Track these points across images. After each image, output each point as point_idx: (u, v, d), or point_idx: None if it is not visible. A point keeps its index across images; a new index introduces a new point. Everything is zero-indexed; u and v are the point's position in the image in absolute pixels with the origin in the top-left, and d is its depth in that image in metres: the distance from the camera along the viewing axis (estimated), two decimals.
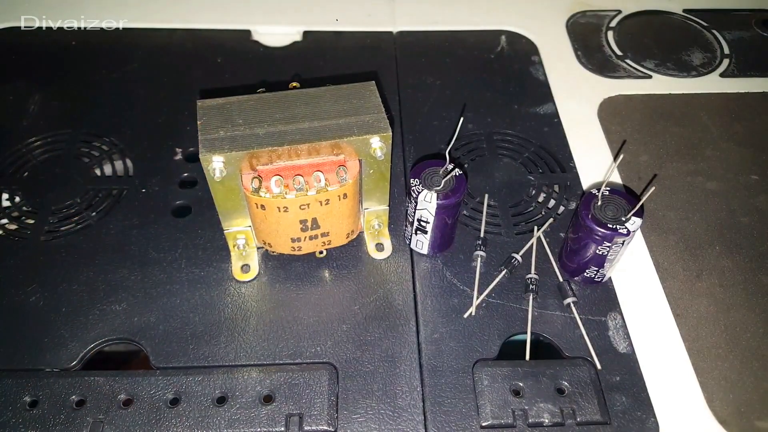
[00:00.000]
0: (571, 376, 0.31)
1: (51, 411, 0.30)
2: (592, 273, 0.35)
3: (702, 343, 0.34)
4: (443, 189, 0.32)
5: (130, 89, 0.47)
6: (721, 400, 0.31)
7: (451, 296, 0.35)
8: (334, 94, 0.32)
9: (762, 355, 0.33)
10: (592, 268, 0.34)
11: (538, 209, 0.40)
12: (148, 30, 0.52)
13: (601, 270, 0.34)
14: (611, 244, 0.32)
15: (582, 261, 0.34)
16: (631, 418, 0.30)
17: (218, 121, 0.30)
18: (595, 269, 0.34)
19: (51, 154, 0.42)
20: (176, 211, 0.39)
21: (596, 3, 0.57)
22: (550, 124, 0.45)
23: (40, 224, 0.38)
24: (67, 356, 0.32)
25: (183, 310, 0.34)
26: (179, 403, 0.30)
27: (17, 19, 0.51)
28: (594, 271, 0.34)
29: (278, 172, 0.30)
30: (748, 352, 0.33)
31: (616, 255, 0.33)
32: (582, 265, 0.35)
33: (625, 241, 0.32)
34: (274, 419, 0.30)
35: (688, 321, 0.34)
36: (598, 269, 0.34)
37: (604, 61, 0.51)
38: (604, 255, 0.33)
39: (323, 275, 0.36)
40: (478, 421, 0.30)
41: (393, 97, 0.47)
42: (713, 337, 0.34)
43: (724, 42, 0.54)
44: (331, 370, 0.32)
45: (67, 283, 0.35)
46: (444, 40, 0.52)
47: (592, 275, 0.35)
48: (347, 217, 0.33)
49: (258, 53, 0.50)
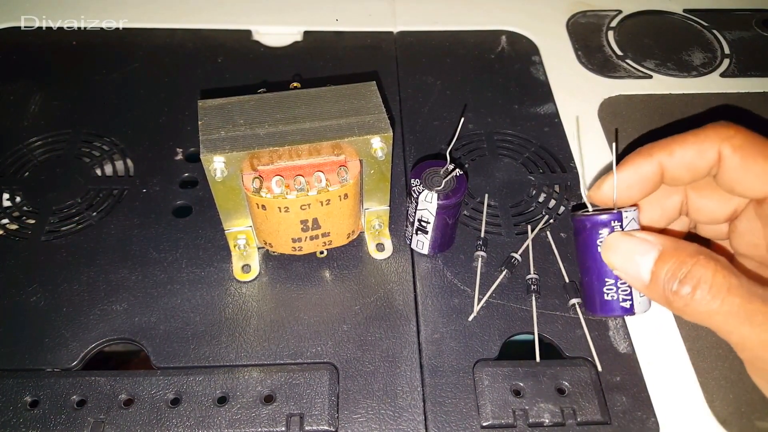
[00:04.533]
0: (572, 376, 0.31)
1: (52, 411, 0.30)
2: (611, 293, 0.29)
3: (702, 343, 0.34)
4: (444, 189, 0.32)
5: (131, 89, 0.47)
6: (722, 400, 0.31)
7: (452, 296, 0.35)
8: (334, 94, 0.32)
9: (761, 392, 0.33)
10: (608, 284, 0.29)
11: (538, 209, 0.40)
12: (148, 30, 0.52)
13: (618, 284, 0.28)
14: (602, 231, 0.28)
15: (592, 279, 0.29)
16: (632, 418, 0.30)
17: (219, 122, 0.30)
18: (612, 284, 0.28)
19: (52, 154, 0.42)
20: (177, 211, 0.39)
21: (596, 3, 0.57)
22: (550, 124, 0.45)
23: (41, 224, 0.38)
24: (67, 356, 0.32)
25: (184, 310, 0.34)
26: (180, 403, 0.30)
27: (17, 19, 0.51)
28: (612, 288, 0.28)
29: (279, 173, 0.30)
30: None
31: None
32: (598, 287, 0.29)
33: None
34: (275, 419, 0.30)
35: (688, 321, 0.34)
36: (615, 282, 0.28)
37: (604, 61, 0.51)
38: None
39: (324, 275, 0.36)
40: (478, 421, 0.30)
41: (393, 97, 0.47)
42: (713, 337, 0.34)
43: (725, 42, 0.54)
44: (332, 370, 0.32)
45: (67, 283, 0.35)
46: (444, 40, 0.52)
47: (613, 296, 0.29)
48: (348, 217, 0.33)
49: (258, 53, 0.50)
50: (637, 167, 0.28)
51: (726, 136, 0.27)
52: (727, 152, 0.27)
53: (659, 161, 0.28)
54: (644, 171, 0.28)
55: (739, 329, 0.24)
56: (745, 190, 0.27)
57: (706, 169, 0.28)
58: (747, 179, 0.27)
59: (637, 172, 0.28)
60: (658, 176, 0.29)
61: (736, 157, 0.27)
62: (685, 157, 0.28)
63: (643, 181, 0.29)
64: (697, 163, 0.28)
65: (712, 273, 0.24)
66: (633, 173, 0.29)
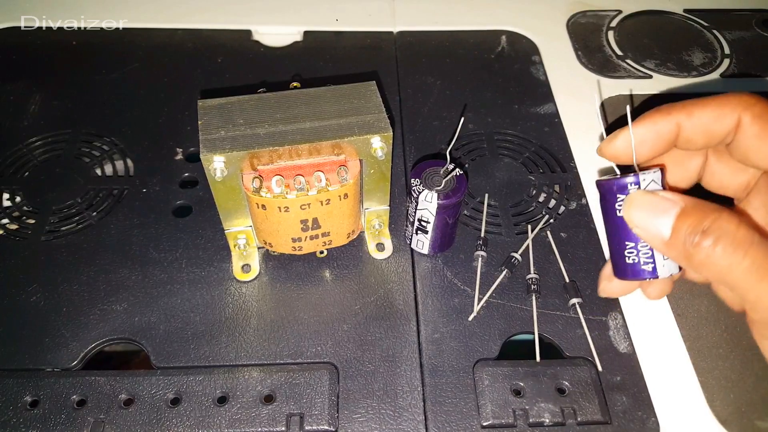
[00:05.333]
0: (572, 376, 0.31)
1: (52, 411, 0.30)
2: (632, 256, 0.29)
3: (702, 343, 0.34)
4: (444, 189, 0.32)
5: (131, 89, 0.47)
6: (722, 400, 0.31)
7: (452, 296, 0.35)
8: (334, 93, 0.32)
9: (763, 355, 0.33)
10: (629, 247, 0.28)
11: (538, 209, 0.40)
12: (148, 30, 0.52)
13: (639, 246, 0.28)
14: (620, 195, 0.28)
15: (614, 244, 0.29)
16: (632, 418, 0.30)
17: (219, 121, 0.30)
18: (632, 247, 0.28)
19: (51, 153, 0.42)
20: (177, 211, 0.39)
21: (596, 3, 0.57)
22: (550, 124, 0.45)
23: (41, 224, 0.38)
24: (67, 356, 0.32)
25: (184, 310, 0.34)
26: (180, 403, 0.30)
27: (17, 19, 0.51)
28: (632, 251, 0.28)
29: (279, 172, 0.30)
30: (748, 352, 0.33)
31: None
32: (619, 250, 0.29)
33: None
34: (275, 419, 0.30)
35: (688, 321, 0.35)
36: (635, 245, 0.28)
37: (604, 61, 0.51)
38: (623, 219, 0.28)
39: (324, 275, 0.36)
40: (478, 421, 0.30)
41: (393, 97, 0.47)
42: (713, 337, 0.34)
43: (725, 42, 0.54)
44: (332, 369, 0.32)
45: (67, 282, 0.35)
46: (444, 40, 0.52)
47: (634, 259, 0.28)
48: (348, 217, 0.33)
49: (258, 53, 0.50)
50: (654, 123, 0.28)
51: (748, 104, 0.27)
52: (747, 120, 0.26)
53: (677, 121, 0.28)
54: (660, 128, 0.28)
55: (757, 286, 0.23)
56: (759, 159, 0.27)
57: (723, 135, 0.27)
58: (763, 149, 0.26)
59: (653, 129, 0.28)
60: (673, 135, 0.28)
61: (756, 126, 0.26)
62: (703, 120, 0.27)
63: (657, 139, 0.28)
64: (715, 128, 0.27)
65: (735, 226, 0.23)
66: (648, 129, 0.28)
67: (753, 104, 0.27)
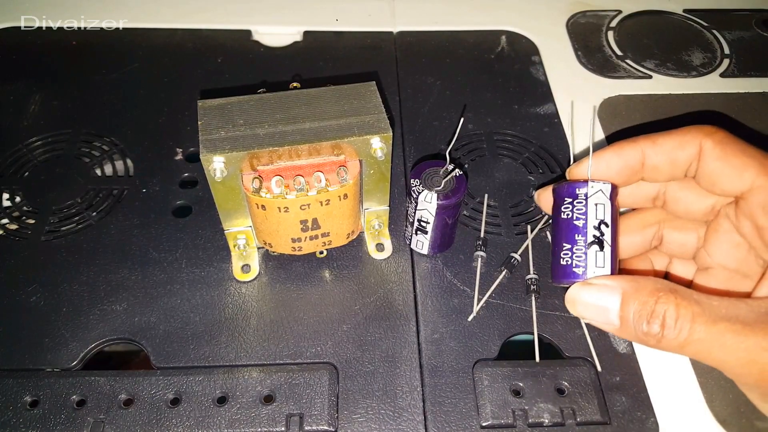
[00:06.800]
0: (572, 376, 0.31)
1: (51, 411, 0.30)
2: (566, 257, 0.28)
3: None
4: (443, 189, 0.32)
5: (130, 89, 0.47)
6: (722, 400, 0.31)
7: (452, 296, 0.35)
8: (334, 94, 0.32)
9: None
10: (565, 248, 0.28)
11: (538, 209, 0.40)
12: (148, 30, 0.52)
13: (575, 248, 0.28)
14: (572, 201, 0.28)
15: (553, 245, 0.29)
16: (631, 418, 0.30)
17: (219, 122, 0.30)
18: (568, 249, 0.28)
19: (51, 154, 0.42)
20: (177, 211, 0.39)
21: (596, 3, 0.57)
22: (550, 124, 0.45)
23: (41, 224, 0.38)
24: (67, 356, 0.32)
25: (183, 310, 0.34)
26: (180, 403, 0.30)
27: (17, 19, 0.51)
28: (567, 252, 0.28)
29: (279, 173, 0.30)
30: None
31: (586, 225, 0.28)
32: (556, 251, 0.29)
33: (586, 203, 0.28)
34: (275, 419, 0.30)
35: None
36: (571, 247, 0.28)
37: (604, 61, 0.51)
38: (569, 219, 0.28)
39: (323, 275, 0.36)
40: (478, 421, 0.30)
41: (393, 98, 0.47)
42: None
43: (725, 42, 0.54)
44: (332, 370, 0.32)
45: (67, 283, 0.35)
46: (444, 40, 0.52)
47: (568, 260, 0.28)
48: (348, 217, 0.33)
49: (258, 53, 0.50)
50: (620, 150, 0.29)
51: (709, 132, 0.28)
52: (708, 145, 0.28)
53: (642, 148, 0.29)
54: (626, 155, 0.29)
55: (713, 354, 0.24)
56: (724, 184, 0.28)
57: (686, 163, 0.29)
58: (726, 173, 0.27)
59: (620, 155, 0.29)
60: (639, 163, 0.29)
61: (717, 150, 0.27)
62: (666, 147, 0.29)
63: (623, 166, 0.29)
64: (678, 155, 0.28)
65: (674, 306, 0.24)
66: (615, 156, 0.29)
67: (713, 132, 0.28)
